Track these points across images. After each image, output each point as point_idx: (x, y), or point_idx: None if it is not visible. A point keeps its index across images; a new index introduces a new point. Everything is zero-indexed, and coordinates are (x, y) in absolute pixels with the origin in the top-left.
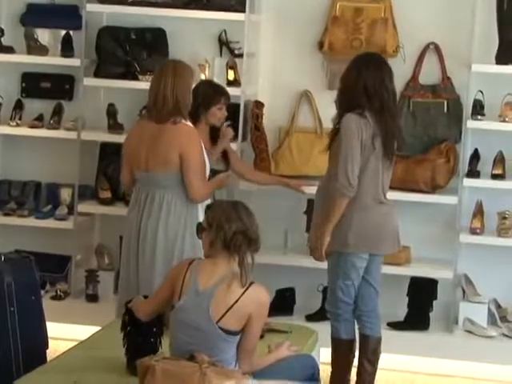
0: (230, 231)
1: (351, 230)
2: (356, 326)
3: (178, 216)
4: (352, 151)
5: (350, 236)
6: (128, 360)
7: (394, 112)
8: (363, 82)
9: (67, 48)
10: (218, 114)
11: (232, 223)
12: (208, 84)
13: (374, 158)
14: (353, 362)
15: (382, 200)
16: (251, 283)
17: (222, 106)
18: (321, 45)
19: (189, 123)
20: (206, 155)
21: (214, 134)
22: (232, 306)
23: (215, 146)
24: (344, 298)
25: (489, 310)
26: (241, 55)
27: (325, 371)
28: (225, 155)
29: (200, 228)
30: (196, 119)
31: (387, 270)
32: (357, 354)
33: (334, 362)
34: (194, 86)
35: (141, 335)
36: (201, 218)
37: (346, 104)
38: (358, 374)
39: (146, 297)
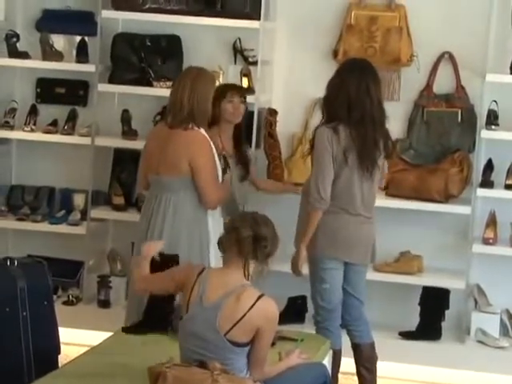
0: (241, 233)
1: (320, 233)
2: (348, 338)
3: (184, 221)
4: (323, 166)
5: (319, 238)
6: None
7: (377, 119)
8: (346, 91)
9: (82, 54)
10: (228, 108)
11: (245, 225)
12: (222, 84)
13: (348, 170)
14: (336, 372)
15: (357, 212)
16: (260, 296)
17: (232, 99)
18: (335, 53)
19: (201, 131)
20: (217, 160)
21: (239, 133)
22: (240, 319)
23: (241, 146)
24: (322, 303)
25: (501, 320)
26: (255, 63)
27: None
28: (245, 162)
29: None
30: (216, 120)
31: (399, 279)
32: (351, 364)
33: None
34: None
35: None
36: (210, 225)
37: (328, 113)
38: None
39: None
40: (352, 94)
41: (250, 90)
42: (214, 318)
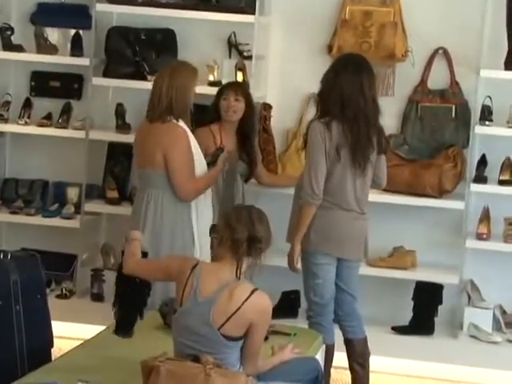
0: (237, 234)
1: (313, 228)
2: (340, 332)
3: (166, 214)
4: (316, 161)
5: (311, 234)
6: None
7: (371, 117)
8: (339, 88)
9: (77, 47)
10: (223, 105)
11: (241, 225)
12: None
13: (341, 167)
14: (329, 367)
15: (350, 208)
16: (254, 290)
17: (227, 97)
18: (330, 48)
19: (180, 123)
20: (198, 153)
21: (244, 130)
22: (233, 313)
23: (245, 143)
24: (315, 299)
25: (494, 315)
26: (250, 57)
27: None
28: (250, 159)
29: (213, 227)
30: (218, 116)
31: (392, 273)
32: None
33: None
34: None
35: (129, 286)
36: (194, 218)
37: (322, 109)
38: (353, 379)
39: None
40: (345, 91)
41: (245, 84)
42: (207, 312)
